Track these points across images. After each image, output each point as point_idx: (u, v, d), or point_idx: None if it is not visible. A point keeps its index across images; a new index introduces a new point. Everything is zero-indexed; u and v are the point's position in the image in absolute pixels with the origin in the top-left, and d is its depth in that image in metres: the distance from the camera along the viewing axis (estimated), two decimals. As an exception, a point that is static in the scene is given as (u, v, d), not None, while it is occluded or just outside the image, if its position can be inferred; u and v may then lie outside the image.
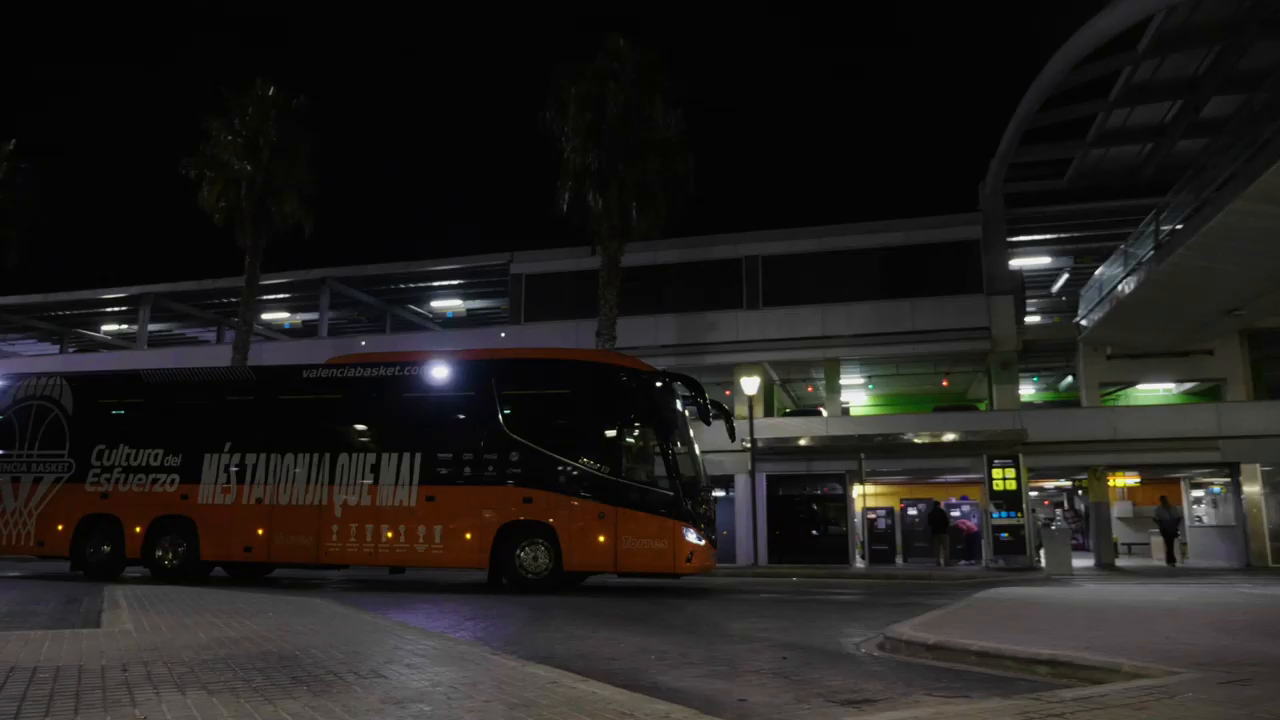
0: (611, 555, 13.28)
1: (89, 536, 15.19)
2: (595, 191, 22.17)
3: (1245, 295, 20.67)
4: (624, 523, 13.27)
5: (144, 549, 14.97)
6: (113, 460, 15.38)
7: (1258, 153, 15.79)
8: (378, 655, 5.84)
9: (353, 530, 14.16)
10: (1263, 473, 24.31)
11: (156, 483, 15.14)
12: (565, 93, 22.78)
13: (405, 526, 13.97)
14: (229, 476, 14.93)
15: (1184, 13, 17.11)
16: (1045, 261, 31.01)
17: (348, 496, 14.31)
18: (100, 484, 15.33)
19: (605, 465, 13.63)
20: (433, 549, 13.87)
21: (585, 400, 14.30)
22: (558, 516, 13.52)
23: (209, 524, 14.78)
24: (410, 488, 14.10)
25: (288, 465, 14.71)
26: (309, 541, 14.30)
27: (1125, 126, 23.88)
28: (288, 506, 14.52)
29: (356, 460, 14.48)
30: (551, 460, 13.77)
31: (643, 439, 13.94)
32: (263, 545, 14.57)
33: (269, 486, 14.70)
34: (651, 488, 13.48)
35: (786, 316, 27.40)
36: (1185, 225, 19.07)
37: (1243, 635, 7.30)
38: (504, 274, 31.20)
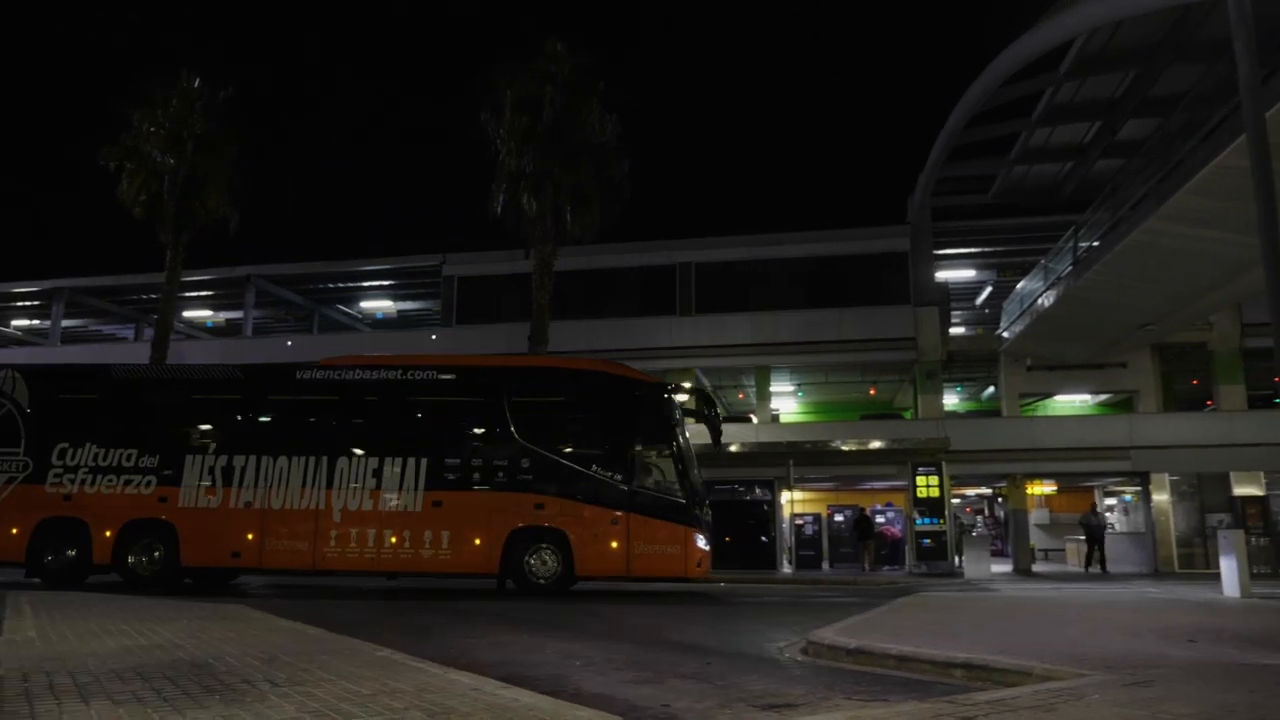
0: (624, 561, 13.52)
1: (48, 541, 14.16)
2: (530, 194, 22.04)
3: (1157, 311, 21.52)
4: (637, 529, 13.55)
5: (115, 554, 14.06)
6: (78, 460, 14.40)
7: (1169, 174, 16.45)
8: (296, 662, 5.69)
9: (353, 535, 13.81)
10: (1170, 482, 25.35)
11: (130, 484, 14.28)
12: (502, 95, 22.61)
13: (410, 532, 13.75)
14: (215, 479, 14.21)
15: (1103, 37, 17.75)
16: (970, 274, 31.85)
17: (348, 501, 13.94)
18: (63, 485, 14.32)
19: (617, 473, 13.86)
20: (439, 554, 13.70)
21: (598, 409, 14.58)
22: (570, 523, 13.67)
23: (191, 528, 14.06)
24: (415, 492, 13.89)
25: (281, 468, 14.16)
26: (305, 547, 13.84)
27: (1047, 145, 24.67)
28: (281, 510, 13.99)
29: (357, 464, 14.11)
30: (563, 467, 13.96)
31: (653, 447, 14.29)
32: (253, 551, 13.96)
33: (260, 490, 14.09)
34: (663, 495, 13.84)
35: (719, 323, 27.68)
36: (1102, 242, 19.78)
37: (1148, 639, 7.58)
38: (436, 275, 30.85)
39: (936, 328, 27.14)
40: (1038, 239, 26.42)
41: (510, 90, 22.44)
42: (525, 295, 23.00)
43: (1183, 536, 25.29)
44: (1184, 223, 16.20)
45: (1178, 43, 17.29)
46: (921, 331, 26.93)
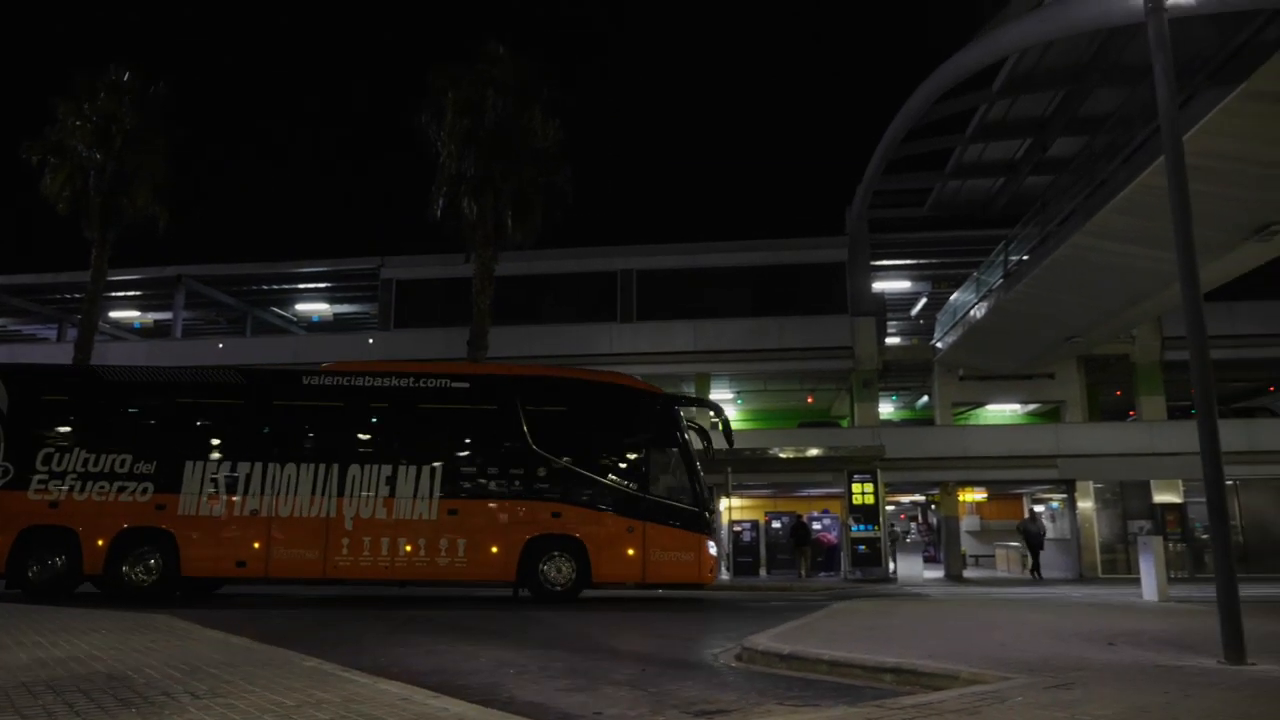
0: (640, 568, 13.82)
1: (32, 551, 13.47)
2: (471, 198, 21.87)
3: (1083, 323, 22.22)
4: (652, 536, 13.90)
5: (108, 564, 13.49)
6: (65, 465, 13.75)
7: (1095, 192, 17.00)
8: (220, 673, 5.53)
9: (365, 544, 13.65)
10: (1095, 489, 26.15)
11: (124, 491, 13.71)
12: (443, 97, 22.39)
13: (425, 540, 13.70)
14: (217, 485, 13.81)
15: (1034, 57, 18.29)
16: (905, 285, 32.50)
17: (360, 509, 13.78)
18: (49, 491, 13.66)
19: (632, 482, 14.31)
20: (455, 563, 13.70)
21: (613, 420, 14.87)
22: (586, 531, 13.93)
23: (192, 537, 13.62)
24: (430, 500, 13.84)
25: (289, 475, 13.88)
26: (314, 555, 13.59)
27: (980, 161, 25.31)
28: (290, 518, 13.71)
29: (369, 471, 13.94)
30: (580, 476, 14.21)
31: (666, 457, 14.59)
32: (259, 559, 13.62)
33: (266, 497, 13.77)
34: (676, 503, 14.19)
35: (659, 330, 27.80)
36: (1031, 256, 20.35)
37: (1071, 642, 7.79)
38: (374, 279, 30.45)
39: (873, 337, 27.63)
40: (971, 252, 27.08)
41: (452, 93, 22.25)
42: (465, 300, 22.79)
43: (1106, 543, 26.09)
44: (1108, 239, 16.75)
45: (1103, 65, 17.89)
46: (858, 341, 27.38)
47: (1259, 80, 10.89)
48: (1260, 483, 25.60)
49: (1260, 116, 11.63)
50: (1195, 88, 12.51)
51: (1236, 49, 11.33)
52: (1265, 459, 24.68)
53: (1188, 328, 6.69)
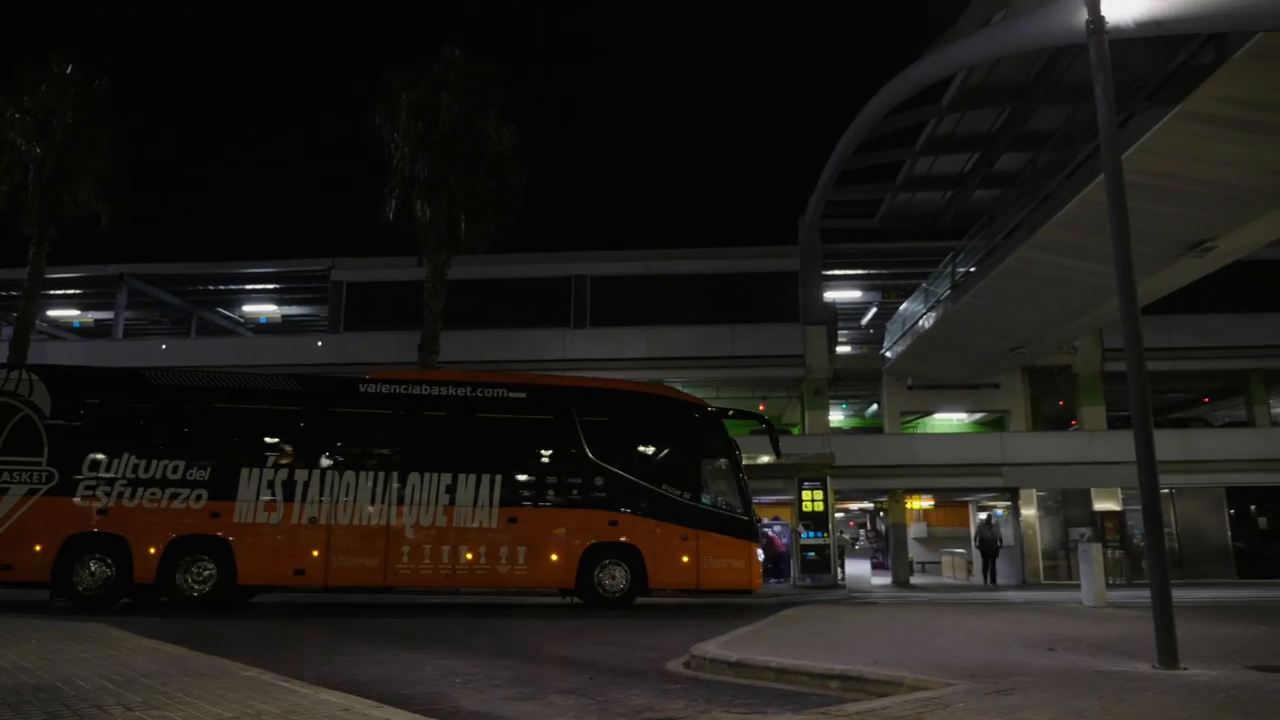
0: (694, 575, 14.28)
1: (79, 559, 13.08)
2: (424, 201, 21.66)
3: (1026, 335, 22.71)
4: (705, 544, 14.36)
5: (160, 573, 13.19)
6: (114, 471, 13.39)
7: (1039, 206, 17.41)
8: (154, 684, 5.39)
9: (426, 552, 13.73)
10: (1038, 497, 26.71)
11: (177, 498, 13.42)
12: (397, 99, 22.16)
13: (486, 548, 13.85)
14: (275, 493, 13.67)
15: (981, 74, 18.66)
16: (856, 295, 32.91)
17: (420, 517, 13.82)
18: (96, 498, 13.27)
19: (686, 491, 14.68)
20: (515, 570, 13.90)
21: (665, 431, 15.33)
22: (642, 539, 14.30)
23: (249, 545, 13.43)
24: (491, 509, 13.99)
25: (348, 482, 13.84)
26: (374, 564, 13.58)
27: (930, 174, 25.72)
28: (349, 526, 13.68)
29: (429, 480, 14.00)
30: (636, 485, 14.57)
31: (716, 467, 15.12)
32: (318, 568, 13.52)
33: (325, 505, 13.69)
34: (727, 512, 14.73)
35: (613, 337, 27.80)
36: (978, 268, 20.75)
37: (1012, 648, 7.93)
38: (324, 280, 30.03)
39: (824, 346, 27.95)
40: (920, 263, 27.52)
41: (406, 95, 22.03)
42: (417, 303, 22.57)
43: (1048, 549, 26.66)
44: (1051, 253, 17.15)
45: (1047, 84, 18.32)
46: (810, 349, 27.67)
47: (1194, 102, 11.24)
48: (1195, 491, 26.36)
49: (1195, 137, 12.01)
50: (1135, 108, 12.89)
51: (1173, 72, 11.71)
52: (1199, 468, 25.43)
53: (1125, 340, 6.87)
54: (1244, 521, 27.03)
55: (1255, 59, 10.13)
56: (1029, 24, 12.53)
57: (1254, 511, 27.24)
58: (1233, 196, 13.64)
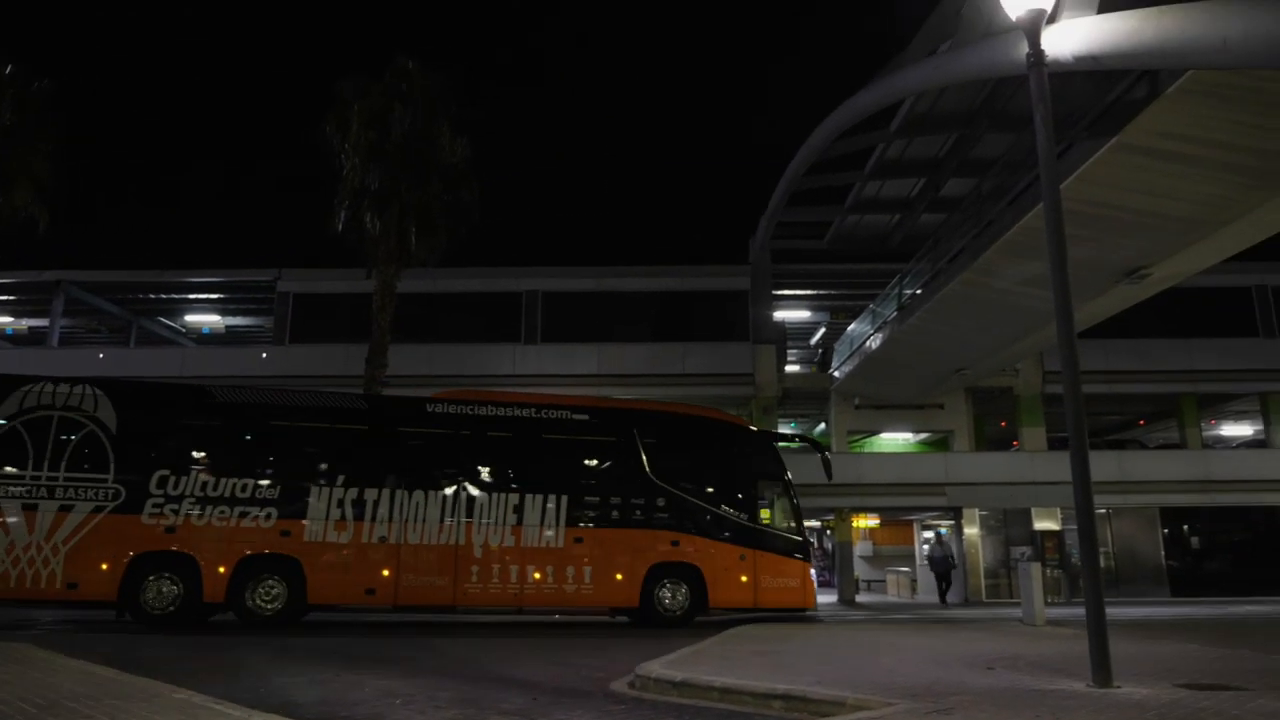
0: (752, 594, 14.72)
1: (146, 577, 12.88)
2: (374, 213, 21.42)
3: (971, 356, 23.15)
4: (762, 564, 14.86)
5: (229, 592, 13.10)
6: (182, 489, 13.23)
7: (983, 231, 17.81)
8: (80, 707, 5.21)
9: (494, 571, 13.90)
10: (980, 516, 27.16)
11: (246, 516, 13.34)
12: (349, 109, 21.92)
13: (554, 567, 14.09)
14: (345, 512, 13.65)
15: (929, 101, 19.06)
16: (805, 315, 33.27)
17: (489, 536, 14.01)
18: (165, 516, 13.09)
19: (743, 512, 15.23)
20: (582, 590, 14.18)
21: (724, 454, 15.84)
22: (703, 558, 14.70)
23: (319, 564, 13.45)
24: (557, 529, 14.23)
25: (417, 502, 13.93)
26: (444, 583, 13.72)
27: (878, 197, 26.14)
28: (419, 546, 13.78)
29: (497, 500, 14.25)
30: (696, 506, 15.05)
31: (772, 489, 15.74)
32: (389, 587, 13.59)
33: (395, 524, 13.74)
34: (783, 533, 15.36)
35: (563, 353, 27.74)
36: (923, 291, 21.12)
37: (952, 667, 8.04)
38: (270, 291, 29.51)
39: (773, 365, 28.18)
40: (868, 284, 27.93)
41: (358, 105, 21.80)
42: (365, 316, 22.28)
43: (990, 568, 27.11)
44: (994, 277, 17.55)
45: (992, 113, 18.77)
46: (759, 368, 27.89)
47: (1129, 135, 11.61)
48: (1131, 511, 27.05)
49: (1131, 168, 12.40)
50: (1074, 138, 13.26)
51: (1110, 105, 12.08)
52: (1135, 488, 26.12)
53: (1062, 363, 7.05)
54: (1177, 541, 27.81)
55: (1186, 95, 10.49)
56: (973, 54, 12.85)
57: (1186, 531, 28.05)
58: (1166, 226, 14.09)
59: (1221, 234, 14.08)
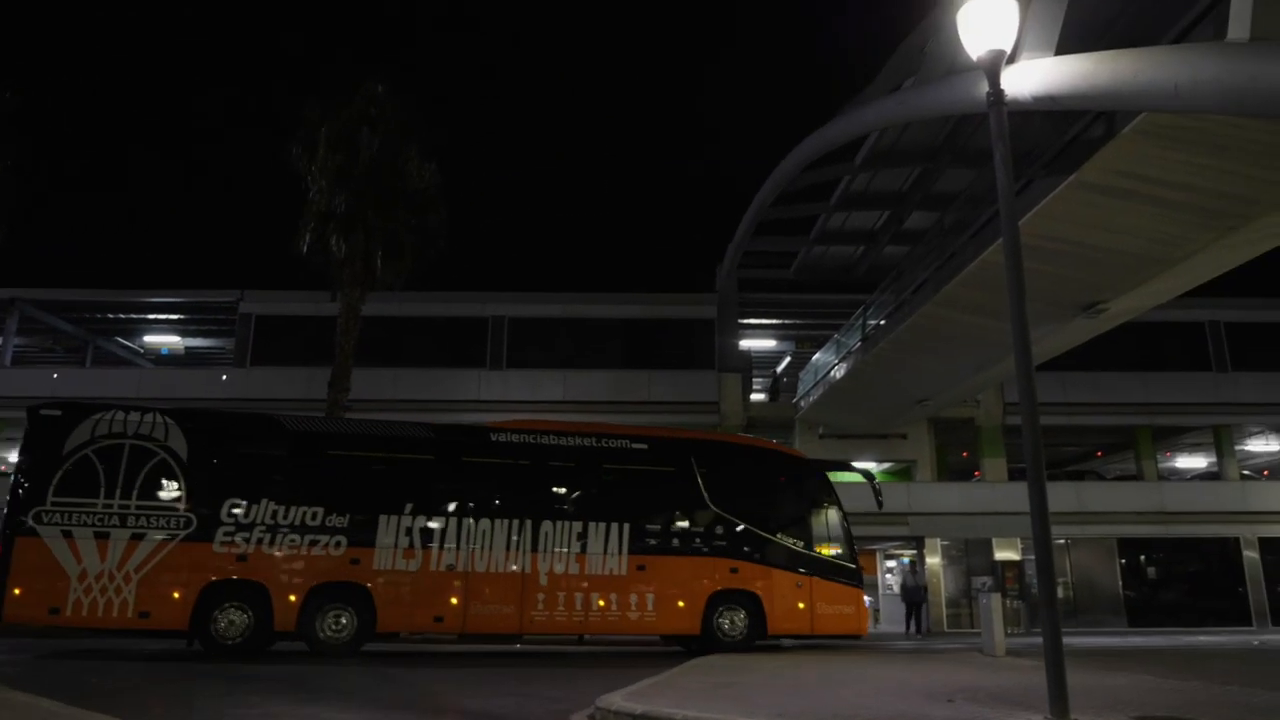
0: (809, 620, 15.04)
1: (217, 606, 12.92)
2: (340, 237, 21.25)
3: (933, 387, 23.41)
4: (818, 591, 15.20)
5: (300, 620, 13.12)
6: (253, 517, 13.29)
7: (945, 264, 18.07)
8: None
9: (560, 599, 14.08)
10: (942, 546, 27.33)
11: (316, 545, 13.45)
12: (316, 131, 21.80)
13: (617, 594, 14.29)
14: (412, 540, 13.78)
15: (893, 136, 19.40)
16: (771, 344, 33.47)
17: (554, 564, 14.18)
18: (236, 544, 13.15)
19: (797, 539, 15.54)
20: (645, 617, 14.38)
21: (780, 482, 16.37)
22: (762, 585, 14.98)
23: (388, 592, 13.57)
24: (620, 556, 14.43)
25: (483, 530, 14.10)
26: (511, 611, 13.88)
27: (843, 228, 26.45)
28: (486, 574, 13.94)
29: (561, 528, 14.40)
30: (754, 534, 15.32)
31: (825, 517, 16.10)
32: (457, 615, 13.74)
33: (462, 552, 13.91)
34: (837, 560, 15.64)
35: (529, 379, 27.66)
36: (887, 322, 21.36)
37: (913, 699, 8.06)
38: (232, 312, 29.11)
39: (739, 394, 28.28)
40: (833, 315, 28.19)
41: (326, 128, 21.70)
42: (328, 339, 22.05)
43: (951, 598, 27.24)
44: (956, 309, 17.79)
45: (954, 148, 19.13)
46: (725, 397, 27.97)
47: (1087, 173, 11.88)
48: (1089, 541, 27.34)
49: (1088, 205, 12.67)
50: (1033, 175, 13.54)
51: (1068, 143, 12.35)
52: (1093, 519, 26.46)
53: (1020, 395, 7.14)
54: (1134, 571, 28.15)
55: (1141, 136, 10.76)
56: (935, 92, 13.10)
57: (1143, 562, 28.42)
58: (1122, 262, 14.40)
59: (1175, 270, 14.40)
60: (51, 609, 12.42)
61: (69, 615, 12.44)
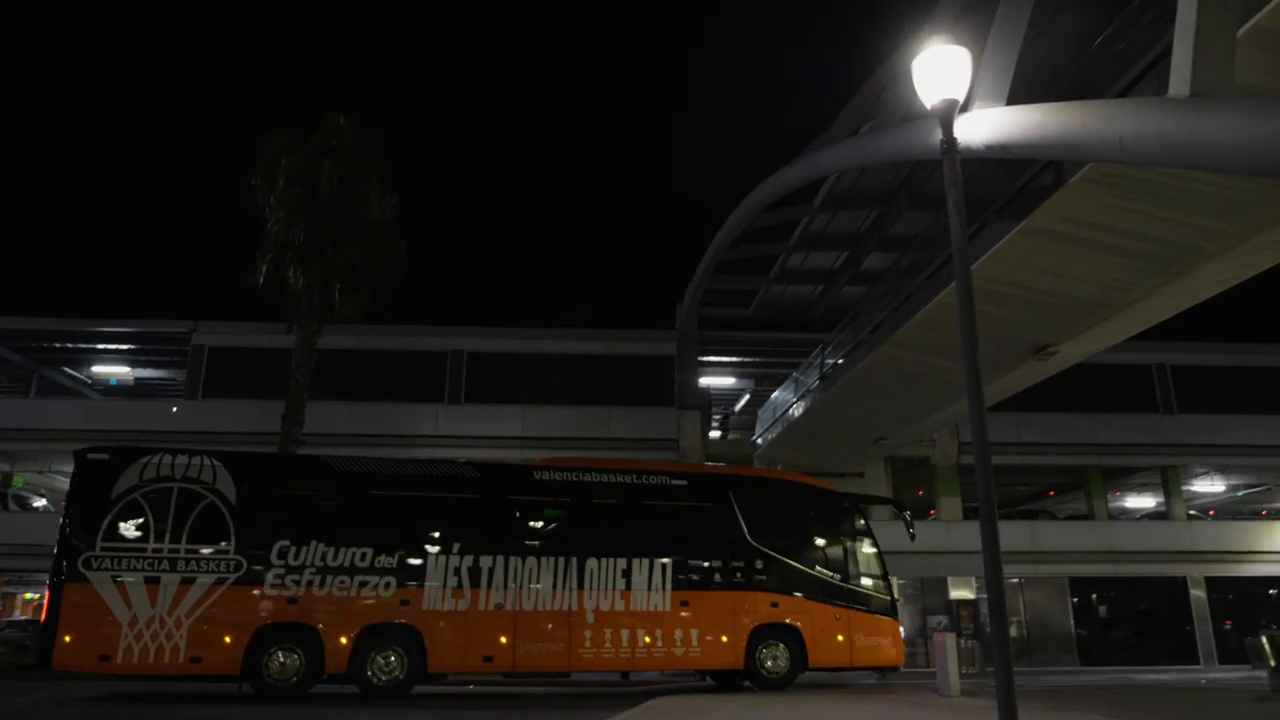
0: (848, 653, 15.10)
1: (268, 649, 12.74)
2: (298, 268, 21.02)
3: (890, 426, 23.65)
4: (857, 623, 15.31)
5: (351, 662, 12.98)
6: (302, 559, 13.20)
7: (901, 305, 18.34)
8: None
9: (607, 636, 14.08)
10: (897, 585, 27.40)
11: (366, 586, 13.35)
12: (276, 163, 21.64)
13: (662, 630, 14.31)
14: (461, 579, 13.74)
15: (851, 179, 19.78)
16: (730, 382, 33.65)
17: (599, 601, 14.18)
18: (286, 586, 13.06)
19: (837, 573, 15.66)
20: (690, 652, 14.40)
21: (817, 516, 16.41)
22: (802, 619, 15.10)
23: (439, 632, 13.48)
24: (664, 592, 14.50)
25: (530, 568, 14.09)
26: (559, 649, 13.83)
27: (802, 268, 26.80)
28: (534, 612, 13.92)
29: (606, 565, 14.41)
30: (793, 568, 15.44)
31: (861, 550, 16.20)
32: (506, 654, 13.64)
33: (510, 590, 13.88)
34: (874, 593, 15.81)
35: (488, 414, 27.49)
36: (845, 361, 21.60)
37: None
38: (184, 343, 28.62)
39: (698, 431, 28.34)
40: (791, 353, 28.43)
41: (286, 159, 21.55)
42: (283, 371, 21.72)
43: (908, 637, 27.21)
44: (911, 349, 18.04)
45: (910, 192, 19.54)
46: (684, 434, 28.00)
47: (1037, 219, 12.17)
48: (1042, 580, 27.68)
49: (1039, 250, 12.96)
50: (986, 219, 13.84)
51: (1019, 190, 12.66)
52: (1046, 558, 26.79)
53: (973, 435, 7.26)
54: (1086, 610, 28.52)
55: (1089, 184, 11.07)
56: (891, 138, 13.36)
57: (1095, 600, 28.80)
58: (1072, 306, 14.72)
59: (1123, 315, 14.75)
60: (102, 656, 12.23)
61: (120, 663, 12.26)
